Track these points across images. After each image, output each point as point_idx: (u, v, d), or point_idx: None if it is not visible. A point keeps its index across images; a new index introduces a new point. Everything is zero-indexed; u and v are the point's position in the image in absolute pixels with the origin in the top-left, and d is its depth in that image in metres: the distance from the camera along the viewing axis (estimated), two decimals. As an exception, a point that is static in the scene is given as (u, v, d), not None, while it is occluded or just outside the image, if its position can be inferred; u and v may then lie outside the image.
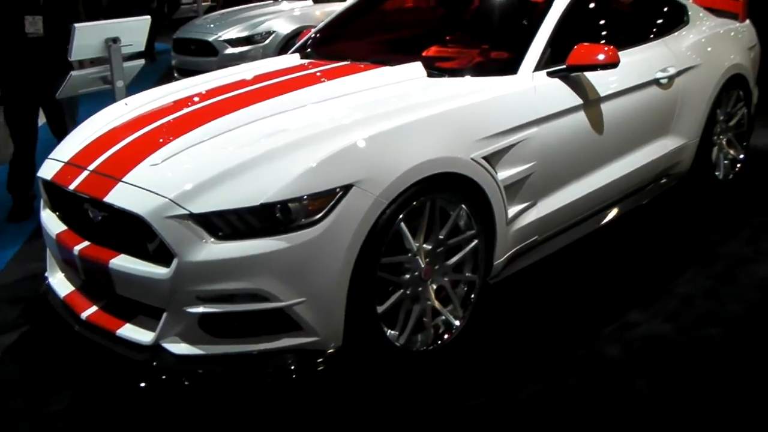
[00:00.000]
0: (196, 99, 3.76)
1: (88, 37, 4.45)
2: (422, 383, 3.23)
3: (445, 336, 3.39)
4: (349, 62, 4.12)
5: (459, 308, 3.46)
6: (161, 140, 3.29)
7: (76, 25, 4.41)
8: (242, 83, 3.94)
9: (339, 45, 4.70)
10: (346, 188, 2.93)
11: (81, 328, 3.28)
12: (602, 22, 4.57)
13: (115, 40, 4.55)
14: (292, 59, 4.42)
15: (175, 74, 8.92)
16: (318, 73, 3.99)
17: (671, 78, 4.54)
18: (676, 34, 4.85)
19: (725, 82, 4.96)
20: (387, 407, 3.09)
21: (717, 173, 5.17)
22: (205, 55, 8.73)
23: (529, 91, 3.68)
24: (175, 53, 9.32)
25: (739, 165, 5.34)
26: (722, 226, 4.74)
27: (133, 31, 4.66)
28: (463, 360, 3.37)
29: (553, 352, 3.43)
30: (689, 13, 5.08)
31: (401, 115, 3.26)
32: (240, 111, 3.44)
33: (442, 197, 3.25)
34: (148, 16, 4.81)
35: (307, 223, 2.89)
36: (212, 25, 9.17)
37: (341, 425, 3.01)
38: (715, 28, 5.18)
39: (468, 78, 3.78)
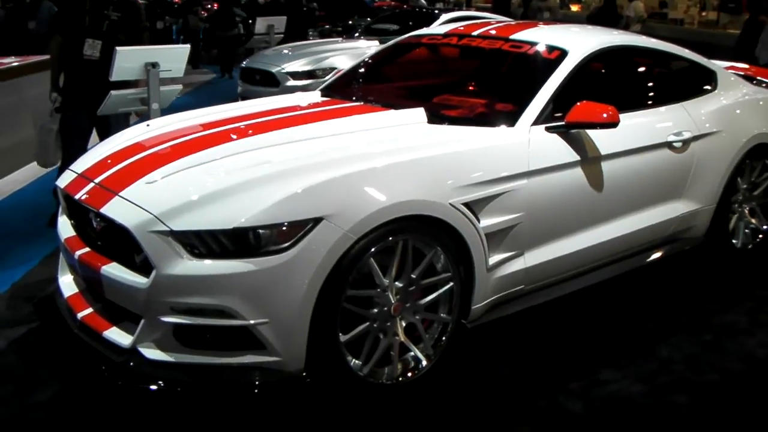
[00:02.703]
0: (207, 125, 4.07)
1: (128, 59, 4.84)
2: (380, 415, 3.42)
3: (409, 374, 3.56)
4: (361, 103, 4.39)
5: (429, 347, 3.62)
6: (162, 161, 3.60)
7: (117, 48, 4.80)
8: (256, 114, 4.25)
9: (358, 87, 5.00)
10: (316, 221, 3.16)
11: (76, 326, 3.58)
12: (615, 82, 4.71)
13: (154, 65, 4.91)
14: (312, 96, 4.73)
15: (240, 100, 9.31)
16: (327, 111, 4.28)
17: (686, 142, 4.64)
18: (699, 99, 4.95)
19: (749, 150, 5.02)
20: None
21: (734, 241, 5.21)
22: (268, 86, 9.13)
23: (522, 143, 3.85)
24: (242, 81, 9.79)
25: (761, 236, 5.35)
26: (726, 295, 4.78)
27: (173, 57, 5.04)
28: (424, 397, 3.54)
29: (515, 399, 3.56)
30: (718, 79, 5.17)
31: (384, 156, 3.49)
32: (240, 140, 3.76)
33: (417, 238, 3.44)
34: (188, 45, 5.17)
35: (275, 249, 3.13)
36: (278, 57, 9.59)
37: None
38: (746, 96, 5.25)
39: (465, 127, 3.98)
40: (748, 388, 3.74)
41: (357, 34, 11.10)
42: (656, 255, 4.75)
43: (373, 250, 3.28)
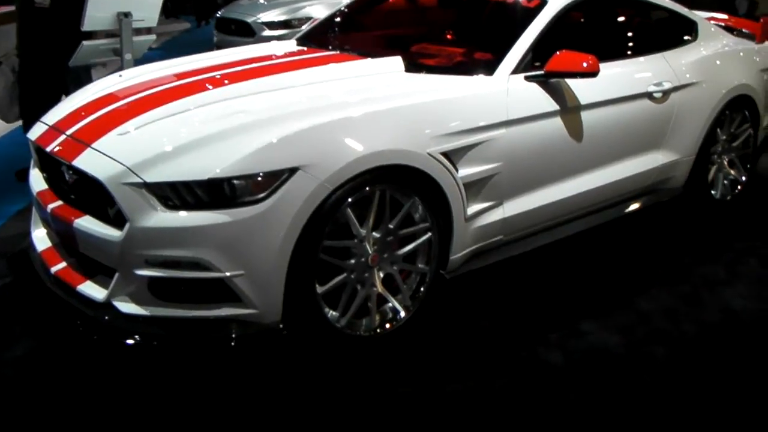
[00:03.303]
0: (182, 75, 4.00)
1: (100, 8, 4.74)
2: (358, 366, 3.43)
3: (387, 326, 3.57)
4: (337, 52, 4.34)
5: (407, 298, 3.63)
6: (135, 112, 3.55)
7: (88, -4, 4.70)
8: (231, 64, 4.19)
9: (334, 36, 4.94)
10: (292, 171, 3.13)
11: (50, 281, 3.54)
12: (596, 32, 4.69)
13: (127, 14, 4.83)
14: (288, 45, 4.67)
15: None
16: (303, 60, 4.23)
17: (666, 92, 4.63)
18: (679, 49, 4.94)
19: (729, 101, 5.02)
20: (317, 385, 3.31)
21: (713, 192, 5.25)
22: (243, 35, 9.01)
23: (501, 92, 3.82)
24: (217, 31, 9.66)
25: (740, 187, 5.38)
26: (704, 247, 4.81)
27: (146, 7, 4.93)
28: (402, 349, 3.55)
29: (493, 351, 3.58)
30: (699, 30, 5.15)
31: (360, 105, 3.46)
32: (215, 90, 3.70)
33: (395, 188, 3.43)
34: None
35: (250, 200, 3.11)
36: (254, 7, 9.47)
37: (265, 398, 3.24)
38: (726, 47, 5.24)
39: (443, 76, 3.94)
40: (726, 340, 3.77)
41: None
42: (635, 206, 4.77)
43: (349, 200, 3.27)
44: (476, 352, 3.57)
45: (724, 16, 6.26)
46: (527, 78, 3.95)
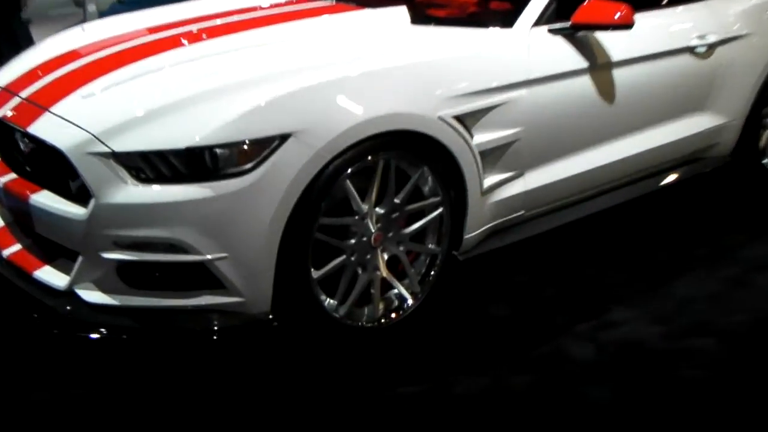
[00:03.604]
0: (154, 29, 3.99)
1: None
2: (359, 362, 3.43)
3: (392, 315, 3.57)
4: (332, 2, 4.32)
5: (415, 283, 3.62)
6: (101, 71, 3.52)
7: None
8: (211, 16, 4.15)
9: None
10: (283, 138, 3.11)
11: (2, 266, 3.53)
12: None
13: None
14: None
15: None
16: (294, 12, 4.18)
17: (711, 47, 4.58)
18: (726, -4, 4.87)
19: (784, 57, 4.96)
20: (310, 384, 3.31)
21: (765, 161, 5.21)
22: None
23: (522, 47, 3.79)
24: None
25: (796, 154, 5.34)
26: (754, 224, 4.80)
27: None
28: (409, 342, 3.55)
29: (515, 345, 3.56)
30: (749, -27, 5.09)
31: (360, 63, 3.42)
32: (193, 46, 3.70)
33: (401, 157, 3.41)
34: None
35: (236, 172, 3.08)
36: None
37: (250, 400, 3.23)
38: (781, -7, 5.17)
39: (454, 29, 3.92)
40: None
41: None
42: (673, 177, 4.74)
43: (349, 171, 3.25)
44: (493, 345, 3.56)
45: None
46: (551, 31, 3.91)
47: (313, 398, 3.22)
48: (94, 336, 3.21)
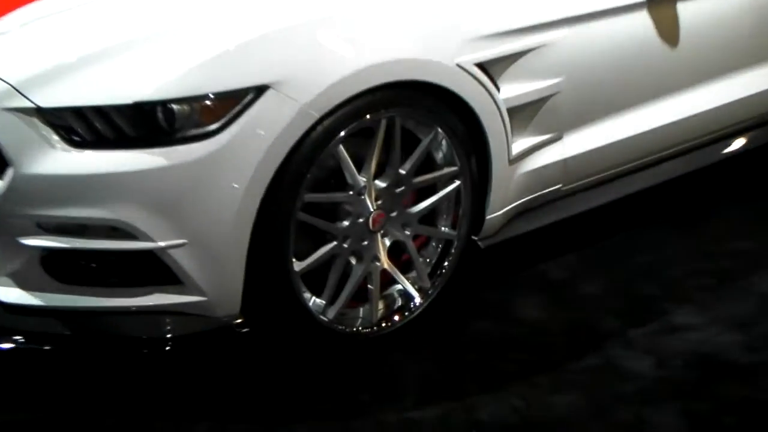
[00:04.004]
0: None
1: None
2: (352, 380, 3.35)
3: (395, 317, 3.50)
4: None
5: (424, 277, 3.54)
6: (19, 1, 3.46)
7: None
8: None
9: None
10: (259, 90, 2.99)
11: None
12: None
13: None
14: None
15: None
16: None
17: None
18: None
19: None
20: (289, 406, 3.22)
21: None
22: None
23: (562, -25, 3.70)
24: None
25: None
26: None
27: None
28: (417, 352, 3.48)
29: (548, 357, 3.47)
30: None
31: (356, -6, 3.34)
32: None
33: (408, 115, 3.32)
34: None
35: (197, 134, 2.97)
36: None
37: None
38: None
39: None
40: None
41: None
42: (741, 143, 4.70)
43: (342, 133, 3.16)
44: (524, 357, 3.47)
45: None
46: (600, -51, 3.82)
47: (290, 420, 3.13)
48: (7, 346, 3.16)
